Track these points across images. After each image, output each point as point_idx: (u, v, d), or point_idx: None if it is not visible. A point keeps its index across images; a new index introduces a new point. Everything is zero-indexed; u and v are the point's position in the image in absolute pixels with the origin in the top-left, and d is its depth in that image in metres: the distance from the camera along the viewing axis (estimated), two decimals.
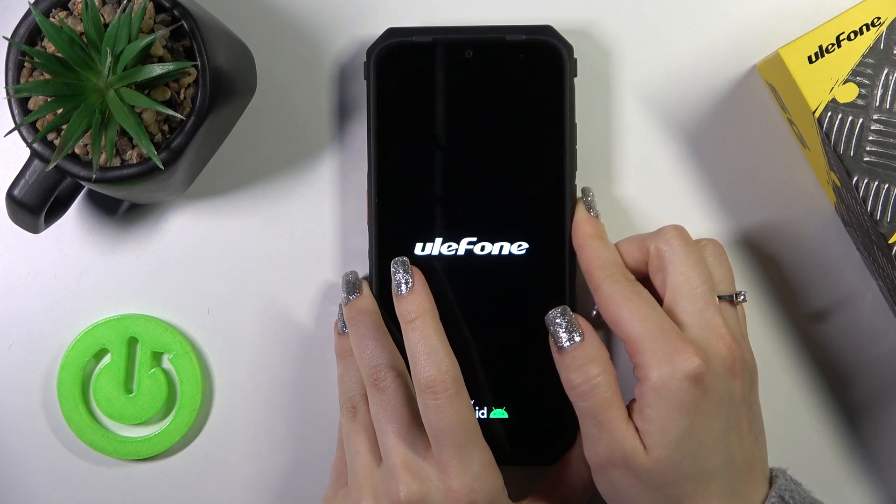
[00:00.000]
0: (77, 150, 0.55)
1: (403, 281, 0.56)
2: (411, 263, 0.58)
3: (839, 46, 0.56)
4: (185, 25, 0.54)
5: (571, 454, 0.59)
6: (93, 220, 0.63)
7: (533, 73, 0.59)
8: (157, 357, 0.62)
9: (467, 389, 0.56)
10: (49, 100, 0.53)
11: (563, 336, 0.55)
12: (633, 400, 0.54)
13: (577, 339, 0.55)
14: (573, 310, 0.58)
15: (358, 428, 0.57)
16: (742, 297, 0.56)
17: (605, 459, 0.54)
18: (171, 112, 0.52)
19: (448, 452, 0.54)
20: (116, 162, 0.55)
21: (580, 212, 0.58)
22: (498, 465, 0.56)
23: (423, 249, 0.59)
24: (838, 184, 0.58)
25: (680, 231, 0.56)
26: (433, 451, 0.54)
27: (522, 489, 0.60)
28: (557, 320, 0.55)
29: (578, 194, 0.59)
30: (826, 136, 0.56)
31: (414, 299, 0.56)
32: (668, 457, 0.52)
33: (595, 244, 0.57)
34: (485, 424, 0.59)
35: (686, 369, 0.52)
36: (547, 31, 0.59)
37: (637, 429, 0.53)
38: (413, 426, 0.55)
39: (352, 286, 0.58)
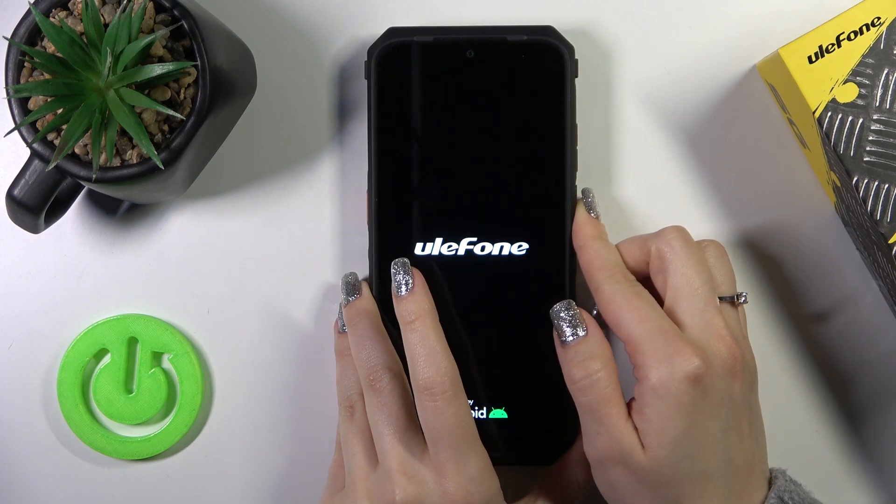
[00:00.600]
0: (77, 150, 0.55)
1: (403, 282, 0.56)
2: (411, 263, 0.58)
3: (839, 46, 0.56)
4: (185, 25, 0.54)
5: (568, 457, 0.58)
6: (93, 220, 0.63)
7: (534, 73, 0.59)
8: (157, 357, 0.62)
9: (467, 389, 0.56)
10: (49, 100, 0.53)
11: (567, 330, 0.55)
12: (633, 399, 0.54)
13: (581, 333, 0.55)
14: None
15: (355, 429, 0.57)
16: (743, 299, 0.56)
17: (604, 455, 0.54)
18: (171, 112, 0.52)
19: (445, 454, 0.54)
20: (116, 162, 0.55)
21: (581, 213, 0.58)
22: (497, 466, 0.56)
23: (423, 249, 0.59)
24: (838, 184, 0.58)
25: (681, 232, 0.56)
26: (430, 453, 0.54)
27: (522, 489, 0.60)
28: (562, 314, 0.55)
29: (579, 195, 0.59)
30: (826, 136, 0.56)
31: (414, 300, 0.56)
32: (666, 457, 0.52)
33: (596, 245, 0.57)
34: (484, 424, 0.59)
35: (685, 370, 0.52)
36: (548, 31, 0.59)
37: (636, 427, 0.53)
38: (410, 428, 0.55)
39: (351, 287, 0.58)
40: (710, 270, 0.56)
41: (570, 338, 0.55)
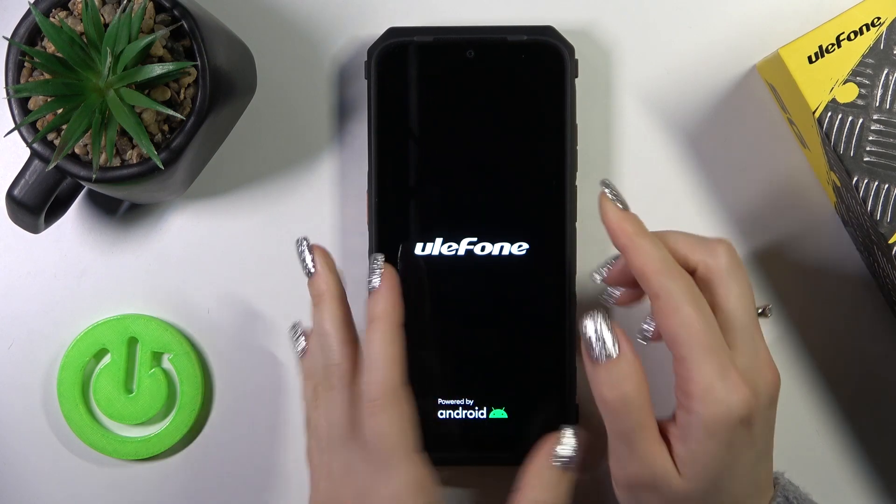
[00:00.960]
0: (77, 150, 0.55)
1: (375, 277, 0.55)
2: (411, 263, 0.58)
3: (839, 46, 0.56)
4: (185, 25, 0.54)
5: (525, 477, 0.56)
6: (93, 220, 0.63)
7: (534, 73, 0.59)
8: (157, 357, 0.62)
9: (467, 389, 0.56)
10: (49, 100, 0.53)
11: (598, 347, 0.51)
12: (673, 421, 0.51)
13: (614, 352, 0.51)
14: (573, 311, 0.58)
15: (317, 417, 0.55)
16: (769, 312, 0.54)
17: (634, 480, 0.51)
18: (171, 112, 0.52)
19: (373, 465, 0.52)
20: (116, 162, 0.55)
21: (612, 209, 0.53)
22: (497, 466, 0.56)
23: (423, 249, 0.59)
24: (838, 184, 0.58)
25: (731, 249, 0.53)
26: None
27: None
28: (594, 329, 0.51)
29: (602, 189, 0.54)
30: (826, 136, 0.56)
31: (375, 302, 0.54)
32: (705, 488, 0.50)
33: (645, 244, 0.52)
34: (484, 424, 0.59)
35: (741, 413, 0.49)
36: (548, 31, 0.59)
37: (672, 450, 0.51)
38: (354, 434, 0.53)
39: (304, 251, 0.56)
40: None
41: (602, 356, 0.51)
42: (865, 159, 0.55)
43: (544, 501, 0.54)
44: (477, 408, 0.59)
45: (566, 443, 0.55)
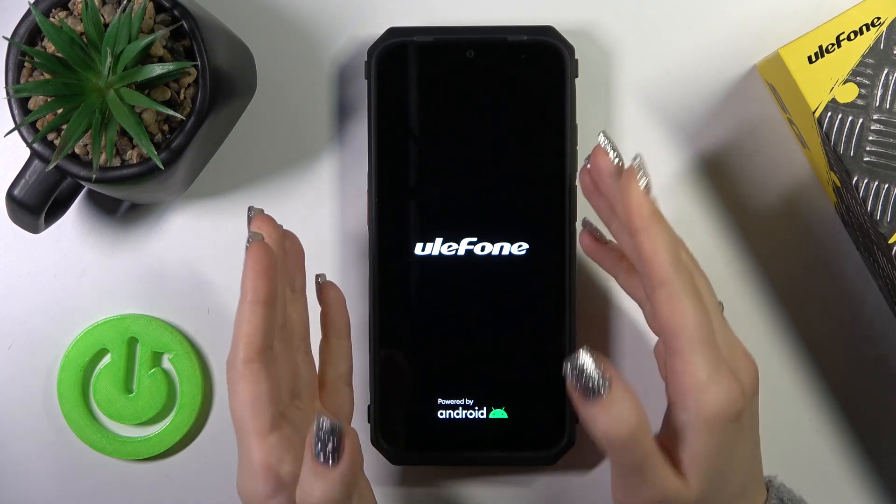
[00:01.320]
0: (77, 150, 0.55)
1: (246, 245, 0.52)
2: (411, 263, 0.58)
3: (839, 46, 0.56)
4: (185, 25, 0.54)
5: None
6: (93, 220, 0.63)
7: (534, 73, 0.59)
8: (157, 357, 0.62)
9: (467, 389, 0.56)
10: (49, 100, 0.53)
11: (591, 386, 0.48)
12: (670, 424, 0.51)
13: (606, 387, 0.48)
14: (574, 311, 0.58)
15: None
16: (720, 308, 0.54)
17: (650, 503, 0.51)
18: (171, 112, 0.52)
19: (238, 442, 0.51)
20: (116, 162, 0.55)
21: (637, 186, 0.50)
22: (497, 466, 0.56)
23: (423, 249, 0.59)
24: (838, 184, 0.58)
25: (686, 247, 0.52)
26: None
27: (521, 489, 0.60)
28: (582, 368, 0.48)
29: (630, 162, 0.51)
30: (826, 136, 0.56)
31: (242, 277, 0.52)
32: (710, 489, 0.50)
33: (661, 231, 0.49)
34: (484, 424, 0.59)
35: (735, 409, 0.49)
36: (548, 31, 0.59)
37: (674, 458, 0.51)
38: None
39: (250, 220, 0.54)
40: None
41: (596, 393, 0.48)
42: (865, 159, 0.55)
43: (313, 497, 0.49)
44: (477, 408, 0.59)
45: (318, 433, 0.48)
